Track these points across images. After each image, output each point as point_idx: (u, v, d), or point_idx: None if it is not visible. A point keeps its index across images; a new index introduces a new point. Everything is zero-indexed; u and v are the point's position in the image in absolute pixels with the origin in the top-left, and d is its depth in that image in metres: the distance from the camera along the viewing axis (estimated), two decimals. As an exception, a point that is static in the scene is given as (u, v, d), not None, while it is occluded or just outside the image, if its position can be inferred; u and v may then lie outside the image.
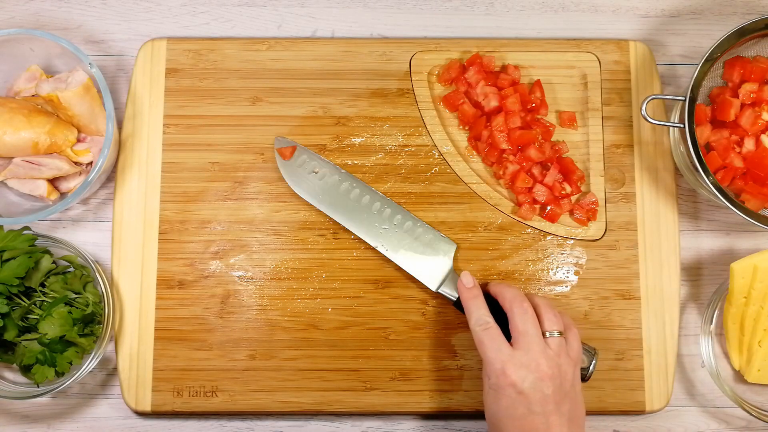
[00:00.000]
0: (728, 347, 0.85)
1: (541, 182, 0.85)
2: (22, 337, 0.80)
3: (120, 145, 0.87)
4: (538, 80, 0.88)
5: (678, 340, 0.85)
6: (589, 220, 0.86)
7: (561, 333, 0.74)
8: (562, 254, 0.86)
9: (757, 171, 0.81)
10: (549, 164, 0.86)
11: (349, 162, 0.87)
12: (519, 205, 0.86)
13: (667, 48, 0.91)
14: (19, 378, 0.83)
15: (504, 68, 0.89)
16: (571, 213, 0.86)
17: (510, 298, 0.75)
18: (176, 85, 0.88)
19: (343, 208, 0.84)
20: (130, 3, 0.91)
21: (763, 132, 0.82)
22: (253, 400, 0.83)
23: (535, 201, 0.86)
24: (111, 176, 0.87)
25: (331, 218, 0.85)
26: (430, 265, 0.83)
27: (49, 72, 0.86)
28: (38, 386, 0.80)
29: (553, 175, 0.85)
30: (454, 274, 0.83)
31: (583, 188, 0.87)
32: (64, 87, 0.82)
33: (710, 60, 0.80)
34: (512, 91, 0.86)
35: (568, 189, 0.86)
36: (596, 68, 0.89)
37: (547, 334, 0.73)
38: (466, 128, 0.88)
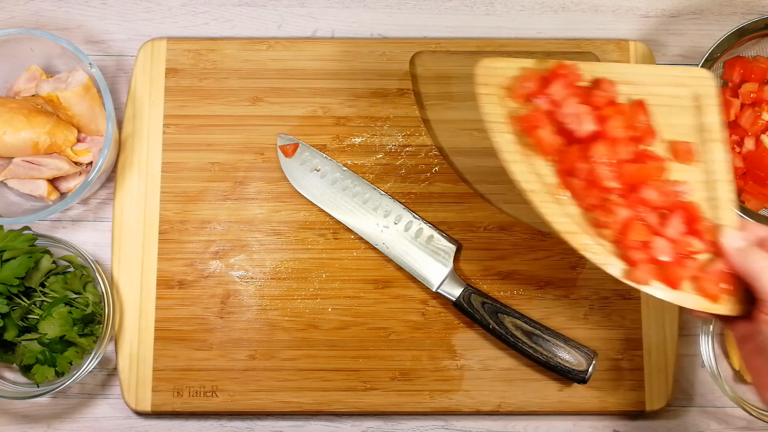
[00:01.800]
0: (728, 347, 0.85)
1: (663, 235, 0.65)
2: (22, 337, 0.80)
3: (120, 145, 0.87)
4: (640, 100, 0.69)
5: (678, 340, 0.85)
6: (720, 294, 0.65)
7: None
8: (562, 254, 0.86)
9: (757, 171, 0.81)
10: (665, 211, 0.66)
11: (350, 162, 0.87)
12: (632, 265, 0.65)
13: (667, 48, 0.91)
14: (19, 378, 0.83)
15: (596, 83, 0.69)
16: (697, 280, 0.65)
17: None
18: (176, 85, 0.88)
19: (344, 206, 0.84)
20: (130, 3, 0.91)
21: (763, 132, 0.82)
22: (253, 400, 0.83)
23: (654, 260, 0.65)
24: (111, 176, 0.87)
25: (331, 218, 0.85)
26: (430, 265, 0.83)
27: (49, 72, 0.86)
28: (38, 386, 0.80)
29: (676, 225, 0.65)
30: (455, 274, 0.83)
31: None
32: (64, 87, 0.82)
33: (710, 60, 0.80)
34: (613, 111, 0.67)
35: (698, 246, 0.65)
36: (711, 86, 0.70)
37: None
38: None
